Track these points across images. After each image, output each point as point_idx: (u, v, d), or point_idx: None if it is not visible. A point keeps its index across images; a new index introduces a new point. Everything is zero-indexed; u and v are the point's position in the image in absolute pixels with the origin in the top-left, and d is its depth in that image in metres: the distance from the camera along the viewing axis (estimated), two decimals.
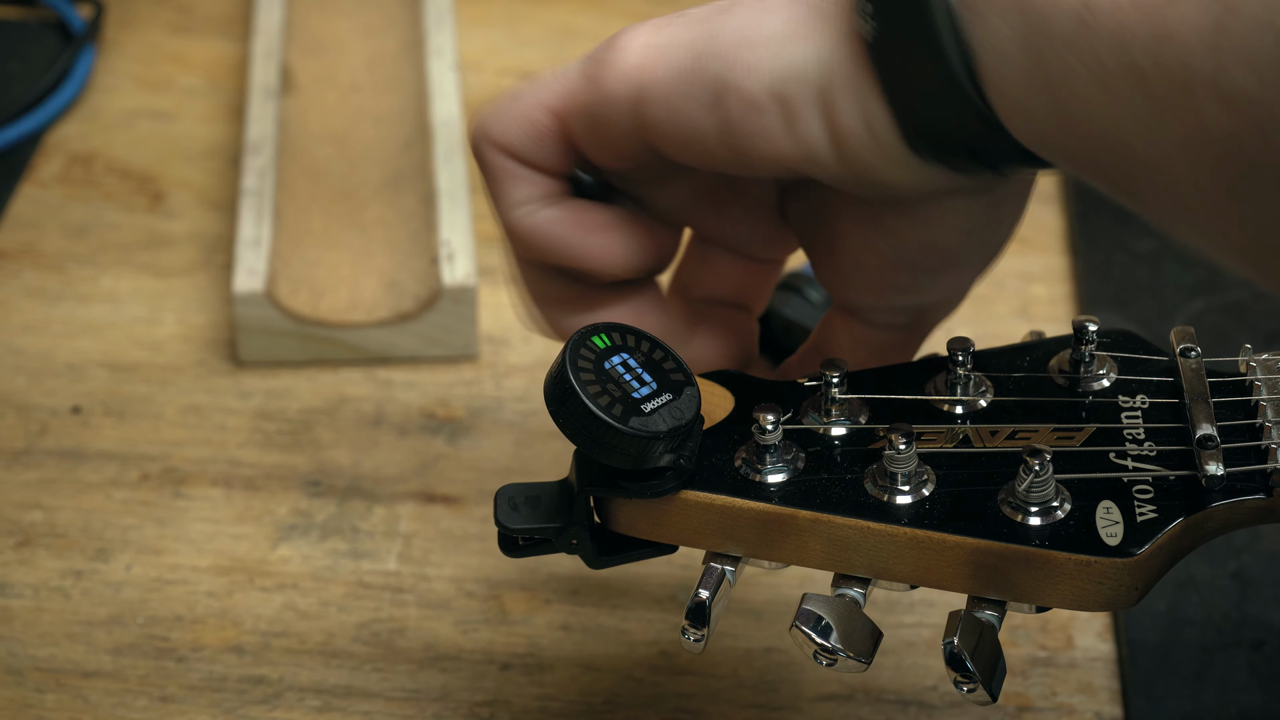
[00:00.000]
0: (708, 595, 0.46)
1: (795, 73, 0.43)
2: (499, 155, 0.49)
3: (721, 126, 0.45)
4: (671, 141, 0.46)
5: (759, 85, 0.44)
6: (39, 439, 0.66)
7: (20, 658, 0.58)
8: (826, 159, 0.44)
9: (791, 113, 0.43)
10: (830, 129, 0.43)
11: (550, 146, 0.48)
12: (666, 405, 0.46)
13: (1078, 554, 0.44)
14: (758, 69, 0.44)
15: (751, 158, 0.45)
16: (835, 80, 0.42)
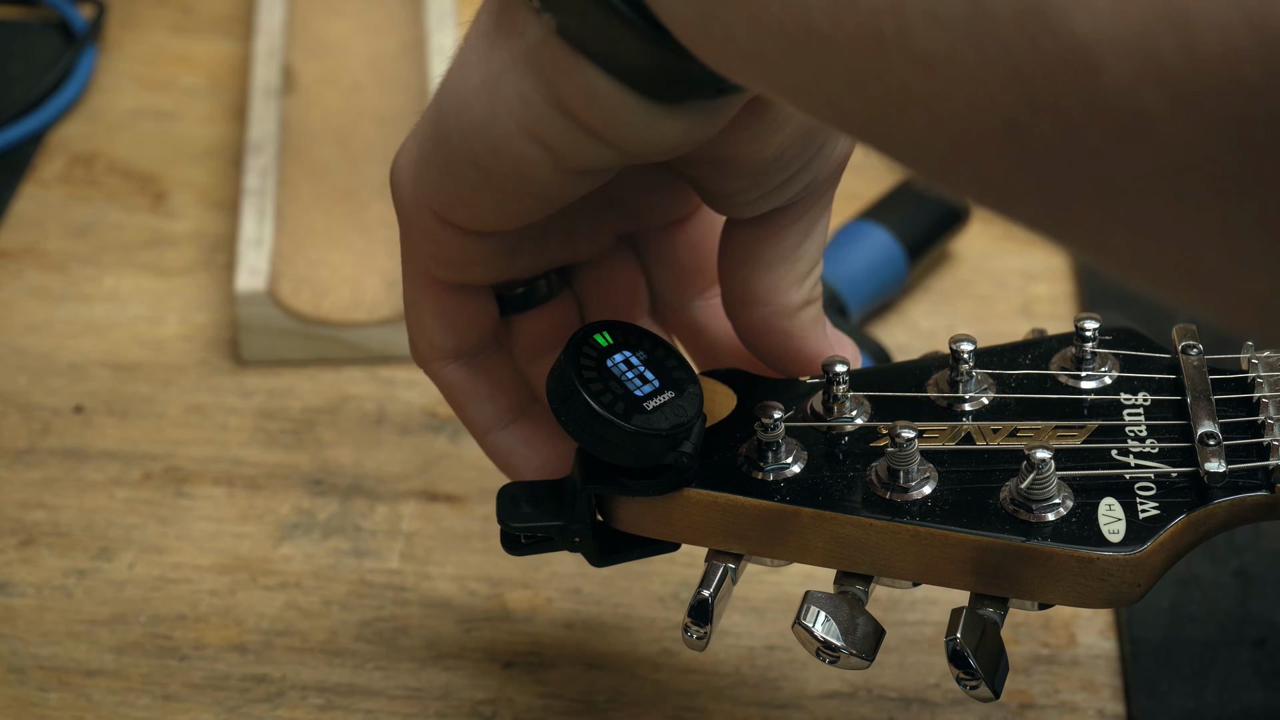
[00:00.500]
0: (710, 593, 0.47)
1: (519, 100, 0.42)
2: (447, 368, 0.50)
3: (507, 188, 0.44)
4: (485, 221, 0.45)
5: (499, 134, 0.42)
6: (41, 438, 0.66)
7: (23, 656, 0.58)
8: (604, 154, 0.42)
9: (545, 138, 0.42)
10: (585, 127, 0.42)
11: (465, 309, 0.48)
12: (669, 403, 0.46)
13: (1080, 550, 0.44)
14: (489, 121, 0.42)
15: (549, 194, 0.44)
16: (554, 79, 0.41)
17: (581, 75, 0.40)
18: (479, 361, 0.50)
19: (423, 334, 0.49)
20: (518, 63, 0.42)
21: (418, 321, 0.49)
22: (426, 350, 0.50)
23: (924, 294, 0.72)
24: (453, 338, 0.49)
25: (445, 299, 0.48)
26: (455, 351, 0.49)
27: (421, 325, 0.49)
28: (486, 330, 0.50)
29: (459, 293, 0.48)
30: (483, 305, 0.49)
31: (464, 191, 0.44)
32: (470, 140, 0.43)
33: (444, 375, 0.50)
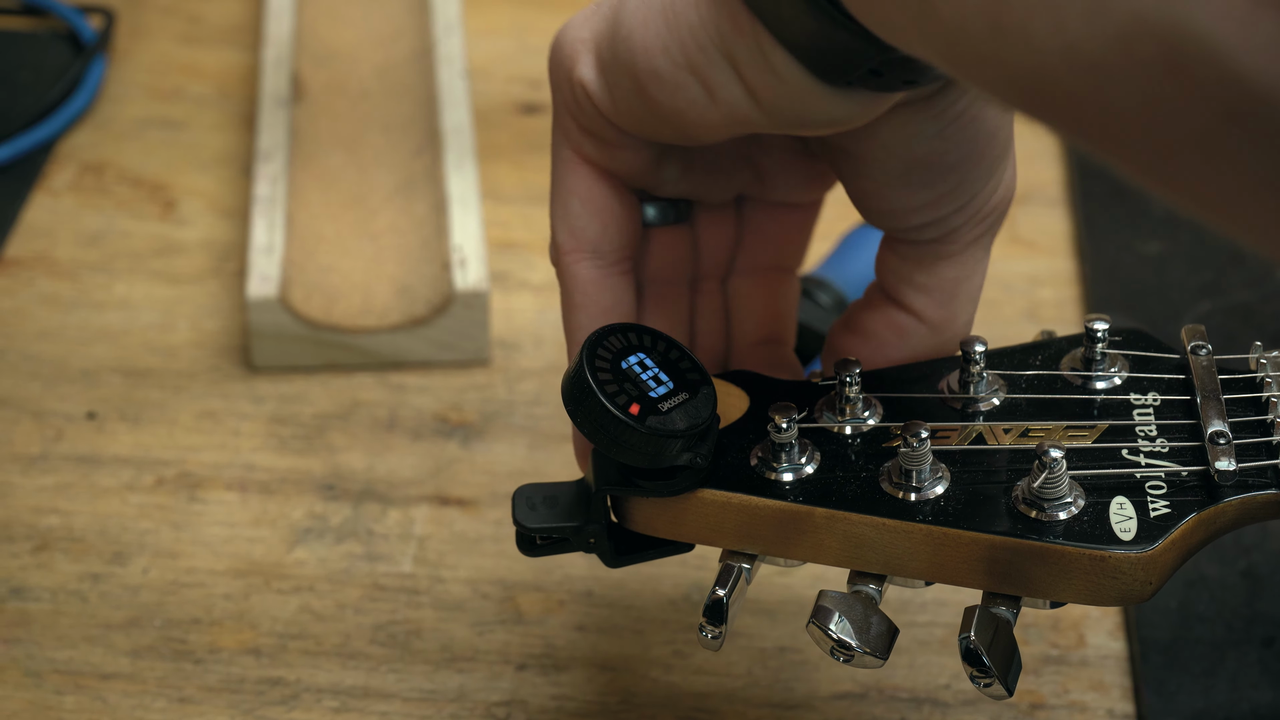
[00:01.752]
0: (725, 593, 0.47)
1: (693, 40, 0.43)
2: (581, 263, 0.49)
3: (653, 108, 0.45)
4: (628, 125, 0.46)
5: (666, 62, 0.44)
6: (55, 444, 0.66)
7: (39, 660, 0.58)
8: (755, 115, 0.44)
9: (706, 81, 0.44)
10: (745, 85, 0.43)
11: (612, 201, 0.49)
12: (683, 404, 0.46)
13: (1092, 549, 0.44)
14: (658, 47, 0.44)
15: (691, 131, 0.45)
16: (729, 36, 0.43)
17: (754, 35, 0.42)
18: (611, 270, 0.49)
19: (566, 219, 0.49)
20: (700, 6, 0.43)
21: (563, 205, 0.49)
22: (566, 238, 0.49)
23: None
24: (596, 226, 0.49)
25: (594, 182, 0.48)
26: (595, 245, 0.49)
27: (566, 210, 0.49)
28: (629, 231, 0.49)
29: (608, 180, 0.49)
30: (630, 203, 0.49)
31: (619, 95, 0.46)
32: (636, 56, 0.44)
33: (575, 270, 0.49)
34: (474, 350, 0.69)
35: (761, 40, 0.42)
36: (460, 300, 0.68)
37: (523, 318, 0.72)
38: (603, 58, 0.46)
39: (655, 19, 0.44)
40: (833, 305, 0.66)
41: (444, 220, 0.71)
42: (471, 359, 0.69)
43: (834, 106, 0.43)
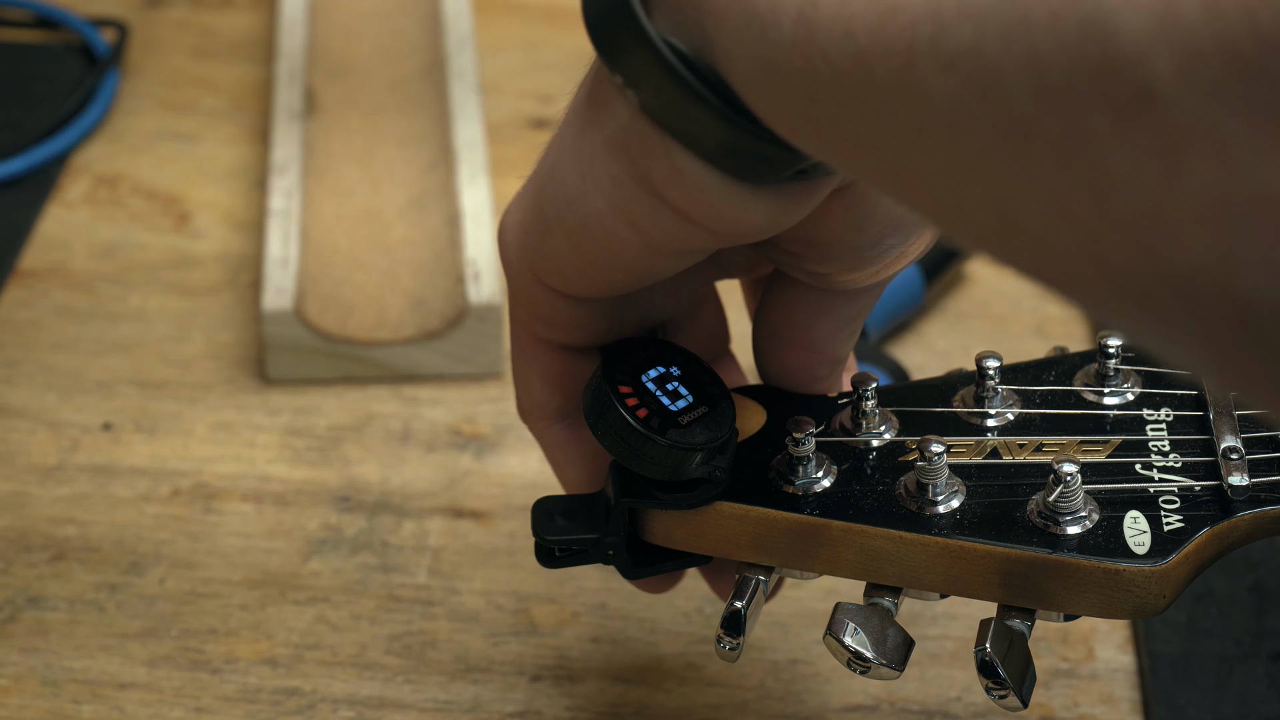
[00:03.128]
0: (743, 605, 0.47)
1: (608, 180, 0.42)
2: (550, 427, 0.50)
3: (597, 264, 0.44)
4: (582, 290, 0.46)
5: (589, 212, 0.43)
6: (71, 455, 0.67)
7: (56, 669, 0.59)
8: (694, 236, 0.42)
9: (633, 219, 0.42)
10: (671, 207, 0.42)
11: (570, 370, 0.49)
12: (702, 418, 0.47)
13: (1106, 562, 0.45)
14: (579, 197, 0.43)
15: (643, 272, 0.44)
16: (641, 162, 0.41)
17: (667, 154, 0.41)
18: (580, 424, 0.50)
19: (528, 392, 0.50)
20: (608, 141, 0.42)
21: (523, 379, 0.50)
22: (530, 408, 0.50)
23: (940, 314, 0.73)
24: (557, 398, 0.49)
25: (550, 359, 0.49)
26: (559, 411, 0.50)
27: (527, 384, 0.50)
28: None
29: (564, 353, 0.49)
30: (587, 366, 0.49)
31: (559, 261, 0.45)
32: (563, 213, 0.44)
33: (546, 434, 0.50)
34: (487, 363, 0.70)
35: (675, 157, 0.41)
36: (474, 314, 0.68)
37: None
38: (532, 232, 0.45)
39: (569, 170, 0.43)
40: None
41: (457, 234, 0.72)
42: (485, 372, 0.70)
43: (768, 208, 0.42)
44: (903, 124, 0.33)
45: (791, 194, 0.42)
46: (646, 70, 0.40)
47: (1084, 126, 0.29)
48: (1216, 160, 0.28)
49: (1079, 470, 0.45)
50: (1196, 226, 0.28)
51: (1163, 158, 0.28)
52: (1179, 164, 0.28)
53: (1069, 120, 0.30)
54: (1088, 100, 0.29)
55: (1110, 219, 0.30)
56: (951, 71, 0.32)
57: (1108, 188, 0.29)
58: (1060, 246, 0.31)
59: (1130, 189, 0.29)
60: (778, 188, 0.41)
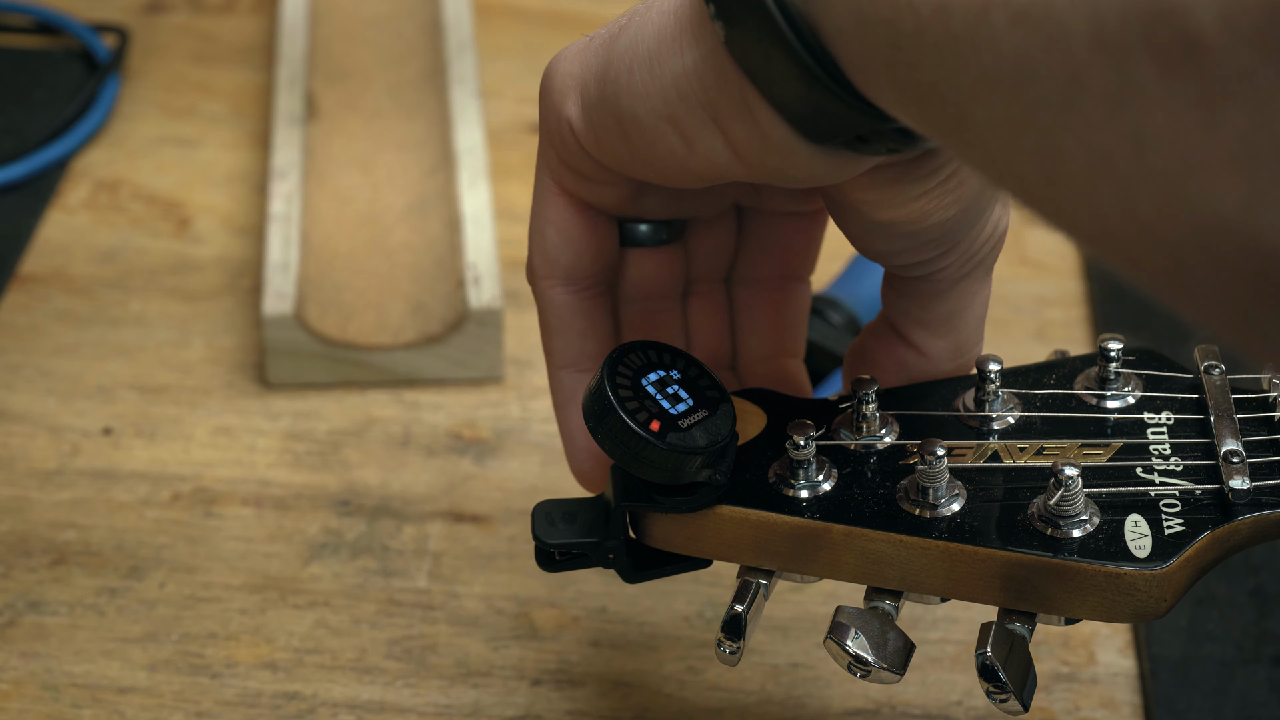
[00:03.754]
0: (743, 608, 0.47)
1: (675, 91, 0.43)
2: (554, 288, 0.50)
3: (633, 152, 0.45)
4: (610, 163, 0.46)
5: (647, 110, 0.44)
6: (71, 459, 0.67)
7: (56, 674, 0.59)
8: (734, 168, 0.43)
9: (685, 132, 0.43)
10: (726, 139, 0.43)
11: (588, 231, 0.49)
12: (702, 421, 0.47)
13: (1107, 566, 0.45)
14: (640, 94, 0.44)
15: (669, 177, 0.45)
16: (714, 90, 0.42)
17: (740, 90, 0.41)
18: (585, 295, 0.50)
19: (541, 246, 0.49)
20: (685, 59, 0.42)
21: (539, 232, 0.49)
22: (541, 264, 0.50)
23: None
24: (569, 256, 0.49)
25: (571, 214, 0.49)
26: (567, 273, 0.49)
27: (542, 237, 0.49)
28: (603, 260, 0.50)
29: (585, 212, 0.49)
30: (605, 232, 0.49)
31: (604, 135, 0.45)
32: (622, 99, 0.44)
33: (548, 296, 0.50)
34: (488, 367, 0.70)
35: (748, 97, 0.41)
36: (474, 318, 0.68)
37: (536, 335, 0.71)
38: (589, 96, 0.46)
39: (641, 65, 0.44)
40: (844, 324, 0.67)
41: (458, 239, 0.72)
42: (485, 376, 0.70)
43: (815, 165, 0.42)
44: (972, 74, 0.34)
45: (841, 158, 0.43)
46: (741, 8, 0.40)
47: (1133, 76, 0.30)
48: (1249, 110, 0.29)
49: (1080, 474, 0.45)
50: (1226, 175, 0.29)
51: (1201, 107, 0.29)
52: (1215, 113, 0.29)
53: (1120, 70, 0.31)
54: (1138, 49, 0.30)
55: (1147, 168, 0.31)
56: (1020, 21, 0.33)
57: (1148, 138, 0.31)
58: (1099, 199, 0.32)
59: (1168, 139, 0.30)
60: (830, 149, 0.42)
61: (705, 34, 0.42)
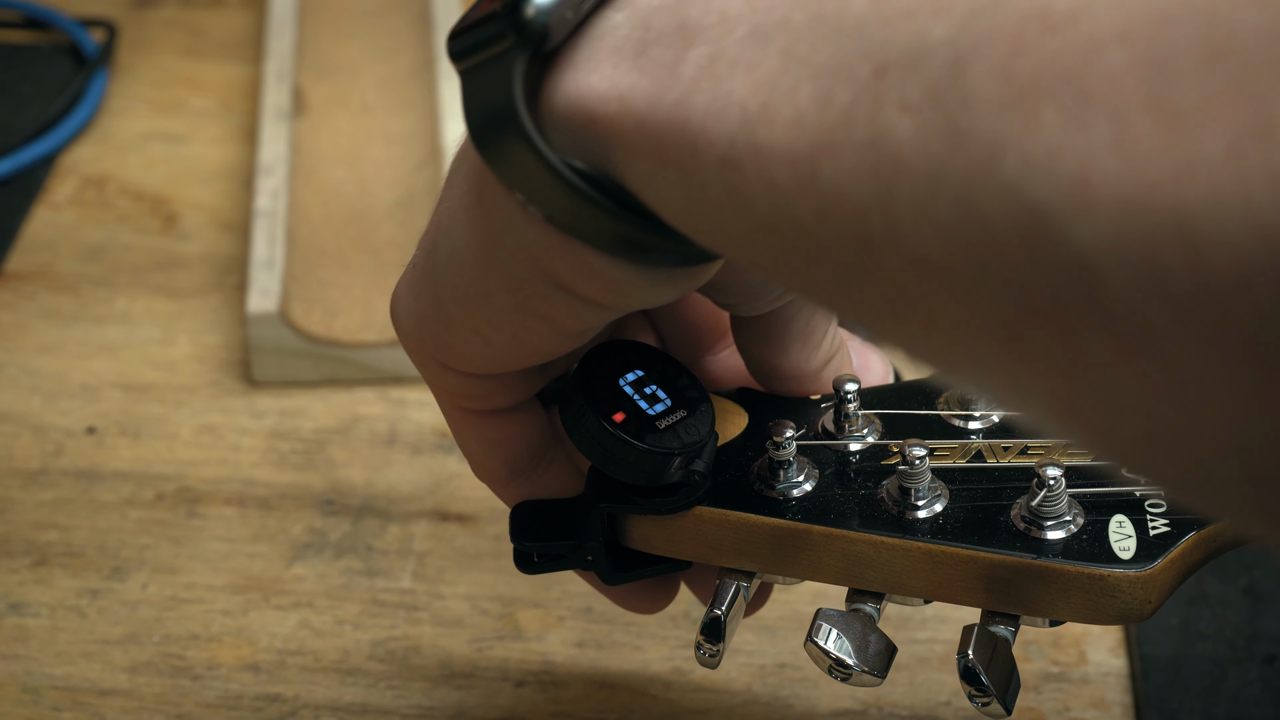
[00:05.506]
0: (722, 611, 0.47)
1: (514, 280, 0.41)
2: (508, 488, 0.49)
3: (507, 351, 0.43)
4: (494, 369, 0.45)
5: (495, 312, 0.42)
6: (54, 459, 0.66)
7: (37, 676, 0.58)
8: (604, 314, 0.42)
9: (542, 310, 0.41)
10: (579, 298, 0.41)
11: (507, 431, 0.48)
12: (681, 422, 0.46)
13: (1091, 568, 0.44)
14: (482, 297, 0.42)
15: (552, 351, 0.44)
16: (548, 260, 0.40)
17: (573, 253, 0.40)
18: (539, 472, 0.49)
19: (474, 460, 0.49)
20: (506, 244, 0.41)
21: (465, 449, 0.48)
22: (481, 473, 0.49)
23: None
24: (502, 458, 0.48)
25: (483, 427, 0.47)
26: (510, 470, 0.49)
27: (469, 452, 0.48)
28: (536, 441, 0.48)
29: (496, 417, 0.47)
30: (524, 421, 0.48)
31: (467, 350, 0.44)
32: (466, 310, 0.42)
33: (505, 494, 0.49)
34: None
35: (582, 256, 0.40)
36: None
37: None
38: (433, 325, 0.44)
39: (470, 272, 0.42)
40: None
41: None
42: None
43: (674, 282, 0.41)
44: (869, 295, 0.32)
45: (704, 270, 0.41)
46: (548, 189, 0.38)
47: (1087, 351, 0.29)
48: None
49: (1063, 474, 0.45)
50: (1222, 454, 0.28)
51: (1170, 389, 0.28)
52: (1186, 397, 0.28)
53: (1069, 344, 0.29)
54: (1087, 332, 0.28)
55: (1126, 434, 0.29)
56: (920, 273, 0.31)
57: (1118, 405, 0.29)
58: (1064, 432, 0.31)
59: (1146, 414, 0.29)
60: (690, 268, 0.41)
61: (516, 218, 0.40)
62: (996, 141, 0.29)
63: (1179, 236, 0.26)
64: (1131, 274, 0.27)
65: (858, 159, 0.31)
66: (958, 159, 0.29)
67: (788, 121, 0.32)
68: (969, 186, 0.29)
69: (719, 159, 0.34)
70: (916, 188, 0.30)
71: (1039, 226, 0.28)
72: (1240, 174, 0.26)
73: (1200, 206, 0.26)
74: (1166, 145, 0.27)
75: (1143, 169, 0.27)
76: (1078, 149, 0.28)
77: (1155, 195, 0.27)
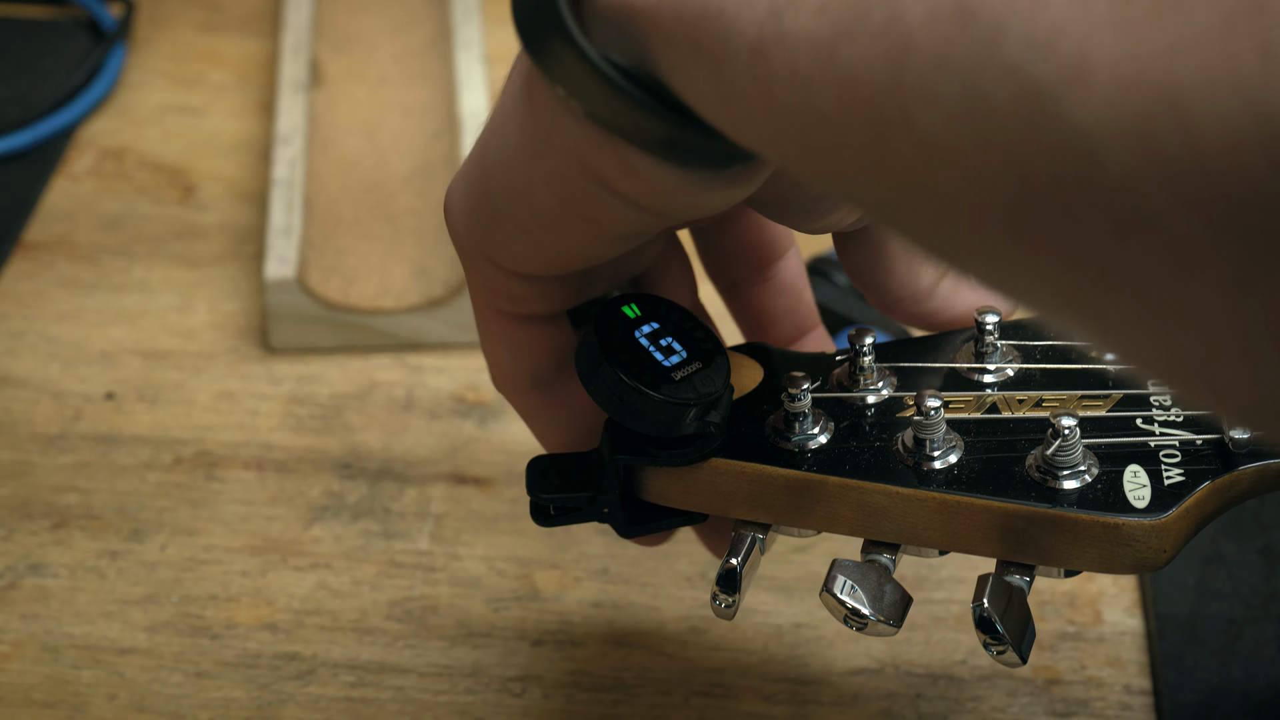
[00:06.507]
0: (739, 562, 0.47)
1: (559, 176, 0.42)
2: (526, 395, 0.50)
3: (550, 251, 0.44)
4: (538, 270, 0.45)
5: (542, 208, 0.43)
6: (74, 424, 0.66)
7: (57, 635, 0.58)
8: (648, 220, 0.42)
9: (586, 211, 0.42)
10: (624, 199, 0.41)
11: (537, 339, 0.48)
12: (696, 373, 0.46)
13: (1105, 516, 0.44)
14: (529, 194, 0.43)
15: (595, 255, 0.44)
16: (593, 158, 0.41)
17: (616, 152, 0.40)
18: (558, 386, 0.50)
19: (498, 365, 0.49)
20: (552, 140, 0.41)
21: (491, 353, 0.49)
22: (502, 380, 0.50)
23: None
24: (527, 367, 0.49)
25: (515, 331, 0.48)
26: (532, 380, 0.49)
27: (495, 357, 0.49)
28: (561, 354, 0.49)
29: (529, 323, 0.48)
30: (555, 333, 0.48)
31: (512, 247, 0.45)
32: (513, 206, 0.43)
33: (522, 403, 0.50)
34: None
35: (626, 155, 0.40)
36: None
37: None
38: (483, 218, 0.45)
39: (517, 165, 0.43)
40: (849, 286, 0.66)
41: None
42: None
43: (721, 190, 0.42)
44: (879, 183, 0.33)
45: (745, 175, 0.42)
46: (588, 84, 0.39)
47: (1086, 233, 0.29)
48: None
49: (1077, 424, 0.45)
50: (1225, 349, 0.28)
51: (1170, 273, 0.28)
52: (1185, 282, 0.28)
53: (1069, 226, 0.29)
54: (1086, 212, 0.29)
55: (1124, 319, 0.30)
56: (929, 156, 0.31)
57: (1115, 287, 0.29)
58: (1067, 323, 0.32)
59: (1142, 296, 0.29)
60: (729, 172, 0.41)
61: (561, 114, 0.41)
62: (1000, 21, 0.29)
63: (1173, 112, 0.27)
64: (1128, 151, 0.28)
65: (871, 43, 0.32)
66: (963, 40, 0.30)
67: (812, 8, 0.33)
68: (974, 67, 0.30)
69: (748, 48, 0.35)
70: (924, 70, 0.31)
71: (1039, 105, 0.29)
72: (1231, 49, 0.26)
73: (1193, 82, 0.27)
74: (1162, 21, 0.27)
75: (1139, 45, 0.27)
76: (1078, 26, 0.28)
77: (1150, 72, 0.27)
